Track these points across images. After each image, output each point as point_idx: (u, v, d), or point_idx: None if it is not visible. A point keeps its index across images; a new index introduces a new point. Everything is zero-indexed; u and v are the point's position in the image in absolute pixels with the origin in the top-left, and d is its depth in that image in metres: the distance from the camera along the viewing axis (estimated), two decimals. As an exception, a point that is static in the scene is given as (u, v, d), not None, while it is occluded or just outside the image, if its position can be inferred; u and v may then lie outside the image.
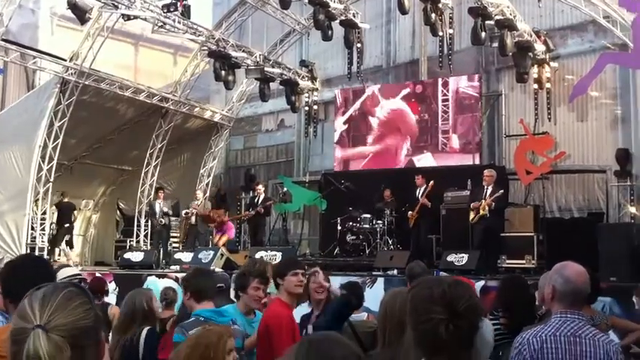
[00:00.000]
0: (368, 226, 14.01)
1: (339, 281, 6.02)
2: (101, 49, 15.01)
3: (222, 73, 15.70)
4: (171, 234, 16.48)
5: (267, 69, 16.60)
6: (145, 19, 14.46)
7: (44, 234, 15.16)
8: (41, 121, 14.77)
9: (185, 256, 13.46)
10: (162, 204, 15.93)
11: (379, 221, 13.91)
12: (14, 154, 14.97)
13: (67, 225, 16.71)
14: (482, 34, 13.42)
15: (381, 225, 13.85)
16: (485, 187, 11.65)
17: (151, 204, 16.50)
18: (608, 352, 2.87)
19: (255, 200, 15.21)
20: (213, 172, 19.45)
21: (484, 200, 11.45)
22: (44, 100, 14.94)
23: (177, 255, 13.92)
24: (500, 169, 13.76)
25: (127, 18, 14.13)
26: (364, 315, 5.20)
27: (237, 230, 16.86)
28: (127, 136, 17.90)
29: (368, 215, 14.08)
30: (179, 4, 13.39)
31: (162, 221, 15.68)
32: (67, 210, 16.82)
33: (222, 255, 12.74)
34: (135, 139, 17.88)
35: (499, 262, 11.55)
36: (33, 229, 14.81)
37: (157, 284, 10.18)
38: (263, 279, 4.44)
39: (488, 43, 14.19)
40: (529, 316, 4.50)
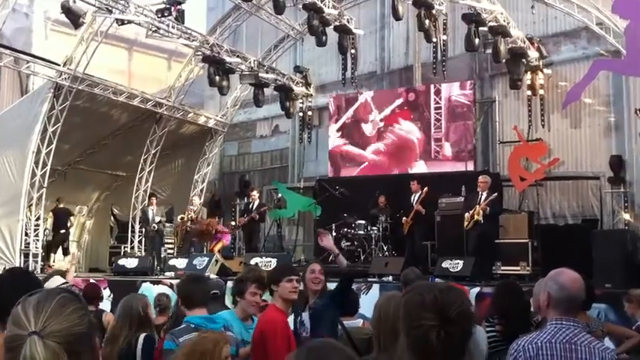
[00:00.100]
0: (363, 233, 14.00)
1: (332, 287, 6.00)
2: (95, 53, 14.98)
3: (217, 78, 15.69)
4: (166, 240, 16.41)
5: (261, 74, 16.60)
6: (139, 23, 14.44)
7: (38, 240, 15.09)
8: (35, 126, 14.72)
9: (180, 263, 13.40)
10: (155, 210, 15.87)
11: (374, 227, 13.91)
12: (7, 159, 14.92)
13: (62, 231, 16.66)
14: (476, 40, 13.47)
15: (376, 231, 13.84)
16: (480, 193, 11.63)
17: (144, 210, 16.46)
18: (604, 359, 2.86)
19: (250, 206, 15.15)
20: (207, 178, 19.42)
21: (478, 205, 11.44)
22: (38, 105, 14.89)
23: (172, 261, 13.85)
24: (495, 175, 13.77)
25: (121, 22, 14.08)
26: (360, 322, 5.19)
27: (232, 236, 16.81)
28: (121, 142, 17.85)
29: (363, 221, 14.07)
30: (173, 8, 13.34)
31: (154, 227, 15.62)
32: (63, 216, 16.77)
33: (216, 261, 12.71)
34: (129, 144, 17.84)
35: (494, 268, 11.56)
36: (27, 234, 14.75)
37: (151, 291, 10.18)
38: (260, 284, 4.46)
39: (481, 49, 14.22)
40: (524, 323, 4.50)
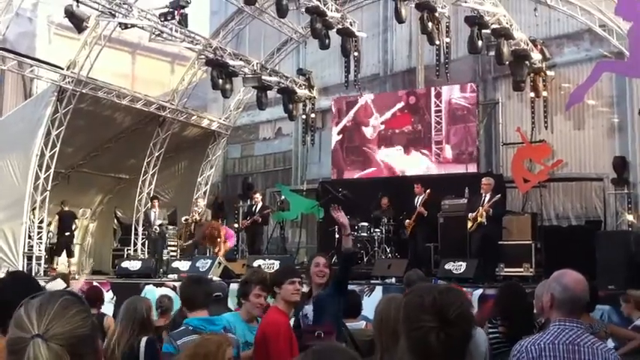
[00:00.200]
0: (366, 235, 13.97)
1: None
2: (98, 57, 15.01)
3: (220, 81, 15.73)
4: (169, 242, 16.42)
5: (264, 77, 16.62)
6: (143, 27, 14.47)
7: (41, 242, 15.09)
8: (38, 130, 14.76)
9: (183, 265, 13.41)
10: (158, 213, 15.88)
11: (377, 229, 13.89)
12: (11, 162, 14.96)
13: (67, 233, 16.68)
14: (479, 42, 13.48)
15: (379, 233, 13.83)
16: (483, 194, 11.63)
17: (147, 213, 16.46)
18: (606, 361, 2.86)
19: (253, 209, 15.18)
20: (210, 181, 19.43)
21: (481, 207, 11.43)
22: (41, 109, 14.92)
23: (175, 264, 13.87)
24: (498, 177, 13.75)
25: (125, 26, 14.13)
26: (362, 323, 5.20)
27: (235, 239, 16.82)
28: (124, 145, 17.86)
29: (365, 223, 14.05)
30: (176, 12, 13.38)
31: (157, 229, 15.63)
32: (68, 218, 16.78)
33: (219, 263, 12.71)
34: (132, 147, 17.86)
35: (497, 270, 11.55)
36: (30, 237, 14.77)
37: (154, 293, 10.17)
38: (264, 286, 4.47)
39: (484, 51, 14.23)
40: (527, 324, 4.50)
